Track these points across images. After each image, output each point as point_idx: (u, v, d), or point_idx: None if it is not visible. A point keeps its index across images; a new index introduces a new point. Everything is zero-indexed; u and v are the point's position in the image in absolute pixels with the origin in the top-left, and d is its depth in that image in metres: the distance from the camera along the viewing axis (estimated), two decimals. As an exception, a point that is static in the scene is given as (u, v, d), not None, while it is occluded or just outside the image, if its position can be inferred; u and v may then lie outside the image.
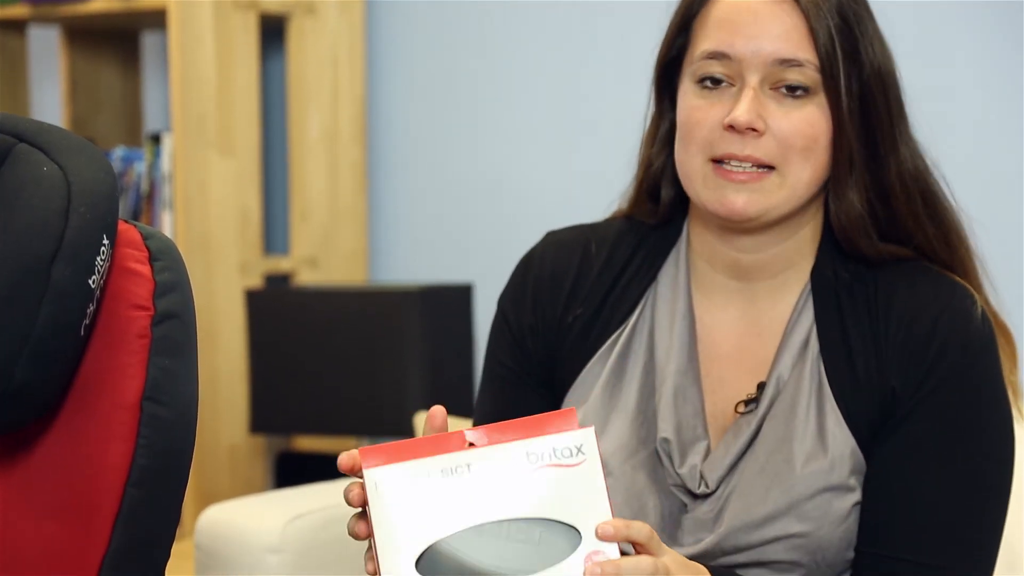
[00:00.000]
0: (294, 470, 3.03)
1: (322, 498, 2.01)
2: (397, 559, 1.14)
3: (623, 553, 1.17)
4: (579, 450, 1.17)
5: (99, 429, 1.14)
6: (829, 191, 1.45)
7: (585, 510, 1.16)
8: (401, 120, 3.18)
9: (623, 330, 1.50)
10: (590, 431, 1.17)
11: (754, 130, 1.39)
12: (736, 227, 1.45)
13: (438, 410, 1.22)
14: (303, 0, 3.05)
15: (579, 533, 1.15)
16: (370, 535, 1.16)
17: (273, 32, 3.12)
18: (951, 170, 1.52)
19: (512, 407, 1.51)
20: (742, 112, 1.39)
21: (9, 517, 1.13)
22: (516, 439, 1.18)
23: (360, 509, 1.17)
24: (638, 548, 1.19)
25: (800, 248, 1.47)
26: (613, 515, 1.16)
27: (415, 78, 3.14)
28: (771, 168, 1.41)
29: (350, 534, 1.19)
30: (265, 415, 2.91)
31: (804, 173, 1.42)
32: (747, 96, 1.39)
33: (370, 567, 1.17)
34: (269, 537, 1.91)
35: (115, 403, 1.14)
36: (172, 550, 1.19)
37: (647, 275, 1.52)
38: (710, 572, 1.30)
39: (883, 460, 1.41)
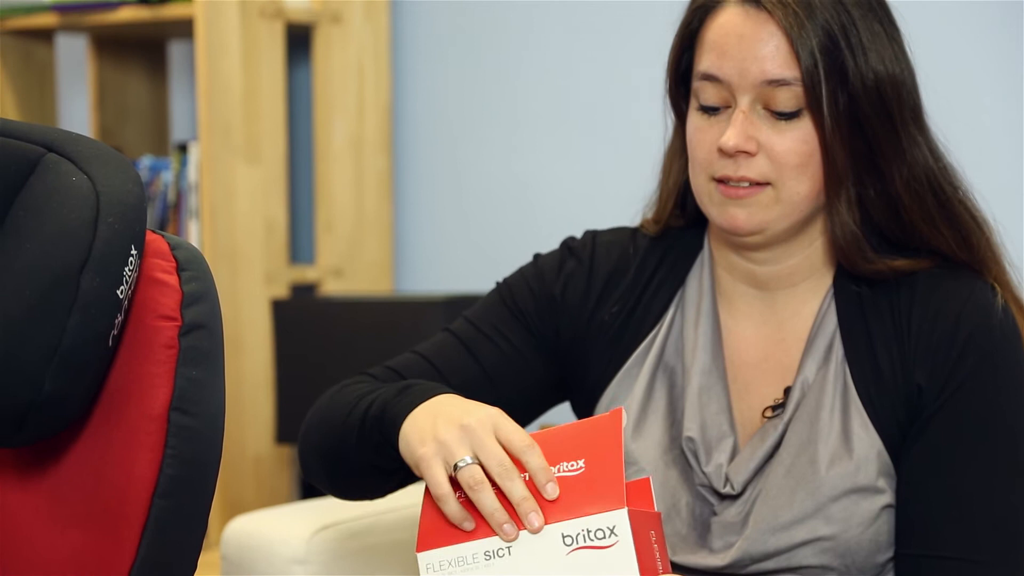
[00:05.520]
0: (319, 480, 3.02)
1: (348, 509, 2.01)
2: None
3: None
4: (612, 531, 1.19)
5: (126, 439, 1.13)
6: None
7: None
8: (427, 129, 3.18)
9: (657, 331, 1.53)
10: (623, 512, 1.20)
11: (746, 152, 1.41)
12: (743, 243, 1.47)
13: None
14: (329, 9, 3.05)
15: None
16: None
17: (299, 41, 3.13)
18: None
19: (500, 331, 1.55)
20: (729, 138, 1.41)
21: (36, 526, 1.12)
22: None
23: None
24: None
25: (816, 260, 1.49)
26: None
27: (440, 87, 3.14)
28: (767, 184, 1.42)
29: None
30: (291, 425, 2.90)
31: (801, 187, 1.43)
32: (736, 120, 1.41)
33: None
34: (295, 548, 1.90)
35: (142, 413, 1.14)
36: (199, 561, 1.19)
37: (676, 278, 1.55)
38: None
39: (916, 459, 1.41)
